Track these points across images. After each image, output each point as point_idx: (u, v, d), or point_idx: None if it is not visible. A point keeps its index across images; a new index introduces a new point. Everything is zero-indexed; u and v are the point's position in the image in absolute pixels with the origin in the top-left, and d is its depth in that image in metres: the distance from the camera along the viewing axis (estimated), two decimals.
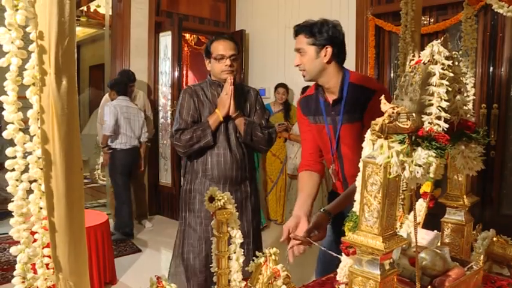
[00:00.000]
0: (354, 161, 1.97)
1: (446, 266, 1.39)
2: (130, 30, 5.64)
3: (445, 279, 1.34)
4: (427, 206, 1.72)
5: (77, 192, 0.93)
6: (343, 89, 1.95)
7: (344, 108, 1.95)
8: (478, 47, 4.08)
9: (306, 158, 2.16)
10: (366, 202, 1.05)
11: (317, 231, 1.80)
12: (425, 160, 1.02)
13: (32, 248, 0.90)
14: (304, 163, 2.15)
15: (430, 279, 1.36)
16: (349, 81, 1.96)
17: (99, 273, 3.40)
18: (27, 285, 0.90)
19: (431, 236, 1.59)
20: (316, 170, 2.12)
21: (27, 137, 0.88)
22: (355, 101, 1.92)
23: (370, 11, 4.89)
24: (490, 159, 4.11)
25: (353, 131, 1.95)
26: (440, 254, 1.41)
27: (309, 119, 2.12)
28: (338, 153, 2.03)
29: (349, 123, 1.95)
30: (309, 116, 2.12)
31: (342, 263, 1.29)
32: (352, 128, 1.95)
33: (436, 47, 1.13)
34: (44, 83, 0.87)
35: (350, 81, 1.96)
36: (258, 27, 6.25)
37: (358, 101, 1.92)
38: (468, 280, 1.39)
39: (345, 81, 1.96)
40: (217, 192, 1.13)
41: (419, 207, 1.73)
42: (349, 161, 2.01)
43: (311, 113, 2.10)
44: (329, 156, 2.09)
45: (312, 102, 2.10)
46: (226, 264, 1.19)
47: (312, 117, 2.10)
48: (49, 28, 0.83)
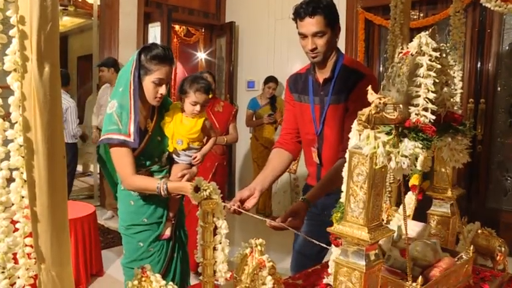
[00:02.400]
0: (333, 144, 1.97)
1: (437, 256, 1.41)
2: (119, 21, 5.57)
3: (435, 269, 1.35)
4: (417, 198, 1.73)
5: (60, 180, 0.91)
6: (335, 69, 1.94)
7: (333, 88, 1.94)
8: (467, 42, 4.11)
9: (282, 137, 2.16)
10: (352, 193, 1.05)
11: (293, 218, 1.76)
12: (412, 151, 1.02)
13: (12, 237, 0.89)
14: (279, 141, 2.15)
15: (421, 270, 1.37)
16: (342, 63, 1.95)
17: (85, 264, 3.38)
18: (7, 275, 0.88)
19: (420, 228, 1.60)
20: (288, 149, 2.10)
21: (6, 124, 0.86)
22: (344, 82, 1.92)
23: (360, 4, 4.88)
24: (477, 153, 4.16)
25: (338, 112, 1.94)
26: (431, 245, 1.42)
27: (294, 96, 2.10)
28: (321, 134, 2.02)
29: (335, 104, 1.94)
30: (295, 93, 2.10)
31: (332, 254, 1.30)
32: (338, 110, 1.94)
33: (423, 38, 1.13)
34: (25, 69, 0.85)
35: (343, 63, 1.95)
36: (248, 19, 6.21)
37: (347, 83, 1.91)
38: (458, 270, 1.40)
39: (338, 62, 1.95)
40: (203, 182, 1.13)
41: (409, 200, 1.74)
42: (329, 143, 2.00)
43: (297, 90, 2.09)
44: (309, 137, 2.06)
45: (300, 81, 2.09)
46: (212, 255, 1.18)
47: (297, 95, 2.08)
48: (30, 12, 0.81)
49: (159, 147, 2.06)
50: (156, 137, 2.03)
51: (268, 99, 5.45)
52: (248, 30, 6.22)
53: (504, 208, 4.14)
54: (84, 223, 3.38)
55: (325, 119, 1.98)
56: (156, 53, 1.89)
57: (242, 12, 6.30)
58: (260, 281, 1.16)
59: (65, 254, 0.93)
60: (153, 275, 1.04)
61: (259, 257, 1.17)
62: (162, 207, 2.05)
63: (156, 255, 2.06)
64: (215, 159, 3.70)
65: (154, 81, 1.90)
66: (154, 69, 1.89)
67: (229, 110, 3.85)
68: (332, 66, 1.95)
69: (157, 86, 1.91)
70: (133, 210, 2.03)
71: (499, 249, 1.68)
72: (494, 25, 4.07)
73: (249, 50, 6.26)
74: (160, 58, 1.89)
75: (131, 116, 1.85)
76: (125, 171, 1.90)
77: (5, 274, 0.89)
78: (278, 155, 2.10)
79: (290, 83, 2.16)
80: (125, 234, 2.07)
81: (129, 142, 1.85)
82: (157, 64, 1.90)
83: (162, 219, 2.06)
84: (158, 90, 1.92)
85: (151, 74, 1.89)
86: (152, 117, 2.03)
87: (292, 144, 2.12)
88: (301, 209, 1.80)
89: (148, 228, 2.04)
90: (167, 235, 2.08)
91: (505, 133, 4.15)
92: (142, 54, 1.91)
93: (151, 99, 1.94)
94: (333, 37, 1.89)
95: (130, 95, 1.87)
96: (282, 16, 5.71)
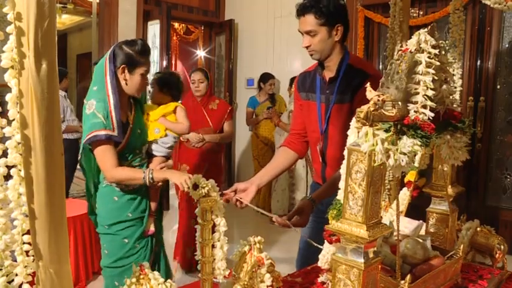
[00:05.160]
0: (338, 143, 1.97)
1: (426, 254, 1.41)
2: (118, 19, 5.55)
3: (425, 267, 1.35)
4: (411, 195, 1.73)
5: (58, 178, 0.91)
6: (341, 68, 1.93)
7: (338, 88, 1.93)
8: (466, 40, 4.10)
9: (290, 136, 2.18)
10: (351, 190, 1.05)
11: (299, 216, 1.79)
12: (411, 148, 1.02)
13: (10, 234, 0.88)
14: (287, 140, 2.17)
15: (411, 268, 1.38)
16: (348, 62, 1.94)
17: (85, 262, 3.38)
18: (4, 272, 0.88)
19: (414, 225, 1.60)
20: (294, 148, 2.13)
21: (4, 121, 0.86)
22: (349, 82, 1.91)
23: (359, 2, 4.88)
24: (476, 151, 4.16)
25: (343, 112, 1.94)
26: (422, 243, 1.42)
27: (301, 95, 2.11)
28: (325, 133, 2.02)
29: (340, 104, 1.94)
30: (302, 92, 2.10)
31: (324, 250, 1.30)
32: (343, 109, 1.94)
33: (423, 35, 1.13)
34: (22, 66, 0.84)
35: (349, 63, 1.94)
36: (247, 17, 6.20)
37: (352, 83, 1.90)
38: (447, 269, 1.40)
39: (344, 61, 1.94)
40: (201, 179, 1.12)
41: (403, 196, 1.73)
42: (334, 142, 2.00)
43: (305, 89, 2.09)
44: (315, 135, 2.08)
45: (308, 79, 2.09)
46: (210, 253, 1.18)
47: (305, 93, 2.09)
48: (27, 9, 0.81)
49: (140, 139, 2.14)
50: (136, 129, 2.11)
51: (267, 96, 5.44)
52: (247, 28, 6.21)
53: (503, 206, 4.14)
54: (84, 221, 3.38)
55: (330, 118, 1.98)
56: (143, 46, 2.03)
57: (241, 10, 6.29)
58: (259, 278, 1.16)
59: (63, 252, 0.93)
60: (152, 272, 1.04)
61: (257, 254, 1.17)
62: (145, 200, 2.12)
63: (142, 251, 2.10)
64: (207, 156, 3.67)
65: (144, 73, 2.03)
66: (143, 62, 2.02)
67: (224, 107, 3.82)
68: (337, 65, 1.94)
69: (144, 77, 2.05)
70: (117, 206, 2.07)
71: (498, 247, 1.67)
72: (494, 23, 4.06)
73: (248, 48, 6.25)
74: (147, 52, 2.05)
75: (111, 110, 1.93)
76: (109, 164, 1.96)
77: (3, 271, 0.89)
78: (284, 153, 2.13)
79: (299, 81, 2.16)
80: (108, 233, 2.09)
81: (113, 137, 1.93)
82: (145, 57, 2.03)
83: (145, 213, 2.13)
84: (144, 82, 2.06)
85: (141, 66, 2.01)
86: (131, 110, 2.12)
87: (298, 144, 2.14)
88: (306, 207, 1.81)
89: (133, 224, 2.09)
90: (152, 230, 2.15)
91: (505, 131, 4.15)
92: (127, 49, 2.00)
93: (138, 90, 2.06)
94: (329, 36, 1.87)
95: (107, 91, 1.95)
96: (282, 14, 5.70)
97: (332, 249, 1.24)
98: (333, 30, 1.88)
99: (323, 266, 1.33)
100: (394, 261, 1.26)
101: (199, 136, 3.61)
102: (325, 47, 1.89)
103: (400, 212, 1.59)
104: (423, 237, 1.49)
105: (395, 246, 1.29)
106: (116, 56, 2.00)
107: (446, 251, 1.51)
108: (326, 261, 1.28)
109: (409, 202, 1.77)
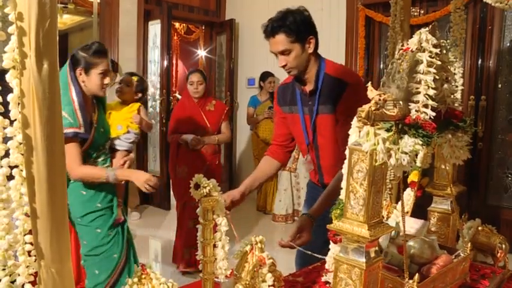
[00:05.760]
0: (328, 152, 1.99)
1: (434, 254, 1.40)
2: (119, 18, 5.56)
3: (432, 266, 1.35)
4: (415, 195, 1.73)
5: (59, 178, 0.91)
6: (319, 79, 1.93)
7: (319, 99, 1.94)
8: (467, 39, 4.10)
9: (272, 147, 2.21)
10: (352, 189, 1.05)
11: (301, 234, 1.80)
12: (412, 148, 1.02)
13: (13, 234, 0.89)
14: (270, 149, 2.20)
15: (418, 267, 1.37)
16: (325, 72, 1.94)
17: None
18: (7, 272, 0.88)
19: (419, 225, 1.60)
20: (277, 158, 2.16)
21: (6, 121, 0.86)
22: (330, 92, 1.91)
23: (360, 1, 4.87)
24: (478, 150, 4.15)
25: (328, 122, 1.94)
26: (429, 242, 1.42)
27: (283, 109, 2.13)
28: (314, 143, 2.03)
29: (324, 114, 1.94)
30: (284, 106, 2.12)
31: (330, 251, 1.29)
32: (328, 119, 1.94)
33: (424, 34, 1.13)
34: (24, 66, 0.84)
35: (326, 72, 1.94)
36: (248, 17, 6.20)
37: (332, 93, 1.90)
38: (455, 267, 1.40)
39: (320, 71, 1.94)
40: (203, 179, 1.13)
41: (407, 197, 1.73)
42: (324, 151, 2.02)
43: (286, 103, 2.10)
44: (303, 146, 2.10)
45: (288, 92, 2.09)
46: (212, 252, 1.18)
47: (288, 107, 2.10)
48: (29, 9, 0.81)
49: (104, 136, 2.31)
50: (100, 128, 2.26)
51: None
52: (248, 28, 6.21)
53: (505, 205, 4.14)
54: None
55: (316, 129, 1.99)
56: (96, 48, 2.17)
57: (242, 9, 6.29)
58: (260, 278, 1.16)
59: (65, 251, 0.93)
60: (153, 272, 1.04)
61: (259, 254, 1.17)
62: (111, 192, 2.28)
63: (115, 238, 2.27)
64: (206, 158, 3.69)
65: (101, 73, 2.16)
66: (98, 62, 2.16)
67: (222, 108, 3.81)
68: (315, 77, 1.94)
69: (103, 77, 2.18)
70: (86, 198, 2.22)
71: (499, 246, 1.67)
72: (495, 22, 4.05)
73: (249, 47, 6.25)
74: (101, 52, 2.18)
75: (76, 110, 2.09)
76: (72, 162, 2.08)
77: (5, 271, 0.89)
78: (268, 162, 2.17)
79: (278, 95, 2.17)
80: (81, 225, 2.24)
81: (80, 134, 2.10)
82: (100, 57, 2.17)
83: (113, 202, 2.30)
84: (104, 81, 2.19)
85: (96, 67, 2.16)
86: (94, 110, 2.28)
87: (281, 154, 2.17)
88: (306, 224, 1.83)
89: (103, 213, 2.25)
90: (122, 219, 2.32)
91: (506, 130, 4.14)
92: (81, 53, 2.15)
93: (99, 89, 2.20)
94: (303, 51, 1.88)
95: (71, 93, 2.11)
96: None
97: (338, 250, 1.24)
98: (306, 43, 1.88)
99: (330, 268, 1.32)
100: (402, 262, 1.26)
101: (198, 138, 3.61)
102: (301, 62, 1.90)
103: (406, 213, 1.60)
104: (429, 237, 1.49)
105: (402, 246, 1.29)
106: (73, 62, 2.17)
107: (453, 250, 1.51)
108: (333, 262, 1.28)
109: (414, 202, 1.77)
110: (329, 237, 1.26)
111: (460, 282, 1.43)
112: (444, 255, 1.41)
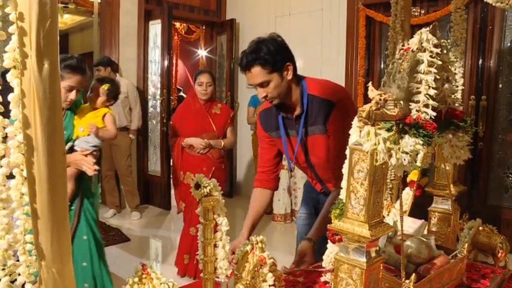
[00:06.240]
0: (326, 169, 1.98)
1: (431, 254, 1.41)
2: (120, 18, 5.56)
3: (429, 266, 1.35)
4: (414, 194, 1.73)
5: (60, 177, 0.91)
6: (303, 102, 1.89)
7: (308, 121, 1.90)
8: (468, 39, 4.10)
9: (260, 174, 2.14)
10: (353, 189, 1.05)
11: (304, 259, 1.79)
12: (413, 148, 1.02)
13: (13, 234, 0.89)
14: (259, 178, 2.14)
15: (415, 267, 1.37)
16: (308, 93, 1.89)
17: None
18: (7, 272, 0.88)
19: (417, 225, 1.60)
20: (268, 187, 2.12)
21: (6, 121, 0.86)
22: (317, 113, 1.88)
23: (361, 1, 4.87)
24: (478, 150, 4.15)
25: (321, 141, 1.92)
26: (426, 242, 1.42)
27: (271, 135, 2.07)
28: (308, 163, 2.02)
29: (315, 135, 1.91)
30: (271, 132, 2.06)
31: (328, 250, 1.30)
32: (320, 139, 1.91)
33: (424, 34, 1.13)
34: (24, 66, 0.84)
35: (309, 93, 1.89)
36: (248, 17, 6.20)
37: (320, 114, 1.87)
38: (452, 268, 1.40)
39: (303, 94, 1.89)
40: (204, 179, 1.13)
41: (406, 196, 1.73)
42: (321, 169, 2.01)
43: (272, 129, 2.04)
44: (298, 165, 2.10)
45: (271, 117, 2.03)
46: (212, 252, 1.18)
47: (275, 132, 2.04)
48: (29, 9, 0.81)
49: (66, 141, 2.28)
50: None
51: None
52: (249, 28, 6.21)
53: (505, 205, 4.13)
54: None
55: (307, 149, 1.97)
56: (70, 63, 2.15)
57: (243, 9, 6.29)
58: (261, 278, 1.16)
59: (65, 251, 0.93)
60: (153, 271, 1.04)
61: (260, 254, 1.17)
62: None
63: None
64: (212, 163, 3.58)
65: (65, 88, 2.13)
66: (66, 77, 2.13)
67: (227, 112, 3.70)
68: (299, 100, 1.90)
69: (67, 91, 2.16)
70: None
71: (500, 246, 1.67)
72: (495, 22, 4.05)
73: None
74: (72, 68, 2.15)
75: None
76: None
77: (5, 271, 0.89)
78: (260, 195, 2.12)
79: (262, 122, 2.12)
80: None
81: None
82: (69, 73, 2.14)
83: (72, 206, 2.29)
84: (68, 96, 2.17)
85: (63, 80, 2.10)
86: None
87: (270, 181, 2.13)
88: (308, 249, 1.82)
89: None
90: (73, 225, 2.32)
91: (506, 130, 4.14)
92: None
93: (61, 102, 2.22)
94: (282, 79, 1.83)
95: None
96: (283, 13, 5.70)
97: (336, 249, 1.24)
98: (283, 71, 1.83)
99: (327, 266, 1.32)
100: (399, 261, 1.26)
101: (204, 141, 3.49)
102: (282, 90, 1.85)
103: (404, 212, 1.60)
104: (427, 237, 1.49)
105: (399, 246, 1.29)
106: None
107: (450, 250, 1.51)
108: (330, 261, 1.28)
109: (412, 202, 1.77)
110: (328, 236, 1.26)
111: (456, 283, 1.43)
112: (441, 256, 1.42)
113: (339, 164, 1.18)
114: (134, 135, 5.38)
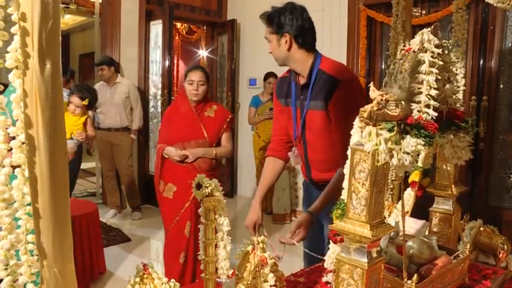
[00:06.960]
0: (316, 148, 2.00)
1: (433, 254, 1.41)
2: (121, 18, 5.56)
3: (431, 267, 1.35)
4: (415, 195, 1.73)
5: (62, 177, 0.91)
6: (312, 74, 1.95)
7: (310, 94, 1.94)
8: (469, 39, 4.09)
9: (274, 143, 2.20)
10: (354, 190, 1.05)
11: (299, 230, 1.83)
12: (414, 148, 1.02)
13: (15, 234, 0.89)
14: (272, 147, 2.20)
15: (417, 267, 1.37)
16: (319, 67, 1.94)
17: (89, 262, 3.38)
18: (9, 272, 0.89)
19: (419, 225, 1.60)
20: (281, 156, 2.16)
21: (9, 121, 0.86)
22: (321, 89, 1.91)
23: (362, 1, 4.87)
24: (479, 150, 4.15)
25: (318, 118, 1.94)
26: (428, 243, 1.42)
27: (280, 102, 2.14)
28: (302, 138, 2.04)
29: (314, 110, 1.94)
30: (281, 98, 2.13)
31: (329, 250, 1.30)
32: (317, 115, 1.94)
33: (426, 35, 1.13)
34: (27, 66, 0.85)
35: (320, 68, 1.94)
36: (249, 17, 6.20)
37: (324, 90, 1.90)
38: (454, 268, 1.40)
39: (314, 66, 1.95)
40: (205, 179, 1.13)
41: (408, 197, 1.73)
42: (312, 146, 2.03)
43: (283, 95, 2.12)
44: (297, 140, 2.10)
45: (285, 84, 2.11)
46: (214, 252, 1.18)
47: (284, 100, 2.11)
48: (32, 9, 0.81)
49: None
50: None
51: (270, 95, 5.45)
52: (250, 28, 6.21)
53: (506, 206, 4.13)
54: (88, 221, 3.39)
55: (305, 123, 2.00)
56: None
57: (243, 9, 6.29)
58: (262, 278, 1.16)
59: (67, 251, 0.93)
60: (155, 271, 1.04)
61: (261, 254, 1.17)
62: None
63: None
64: None
65: None
66: None
67: (223, 116, 3.06)
68: (308, 71, 1.95)
69: None
70: None
71: (501, 246, 1.67)
72: (497, 22, 4.05)
73: (250, 47, 6.25)
74: None
75: None
76: None
77: (7, 271, 0.89)
78: (273, 163, 2.18)
79: (277, 88, 2.19)
80: None
81: None
82: None
83: None
84: None
85: None
86: None
87: (283, 150, 2.17)
88: (305, 220, 1.86)
89: None
90: None
91: (507, 130, 4.14)
92: None
93: None
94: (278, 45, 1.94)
95: None
96: None
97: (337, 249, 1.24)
98: (281, 39, 1.94)
99: (329, 267, 1.32)
100: (401, 262, 1.26)
101: (182, 153, 2.90)
102: (279, 54, 1.97)
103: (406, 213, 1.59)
104: (429, 237, 1.49)
105: (401, 246, 1.29)
106: None
107: (452, 251, 1.51)
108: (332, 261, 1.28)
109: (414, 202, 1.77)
110: (329, 237, 1.26)
111: (458, 283, 1.43)
112: (443, 256, 1.41)
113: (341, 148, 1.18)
114: (135, 135, 5.38)
